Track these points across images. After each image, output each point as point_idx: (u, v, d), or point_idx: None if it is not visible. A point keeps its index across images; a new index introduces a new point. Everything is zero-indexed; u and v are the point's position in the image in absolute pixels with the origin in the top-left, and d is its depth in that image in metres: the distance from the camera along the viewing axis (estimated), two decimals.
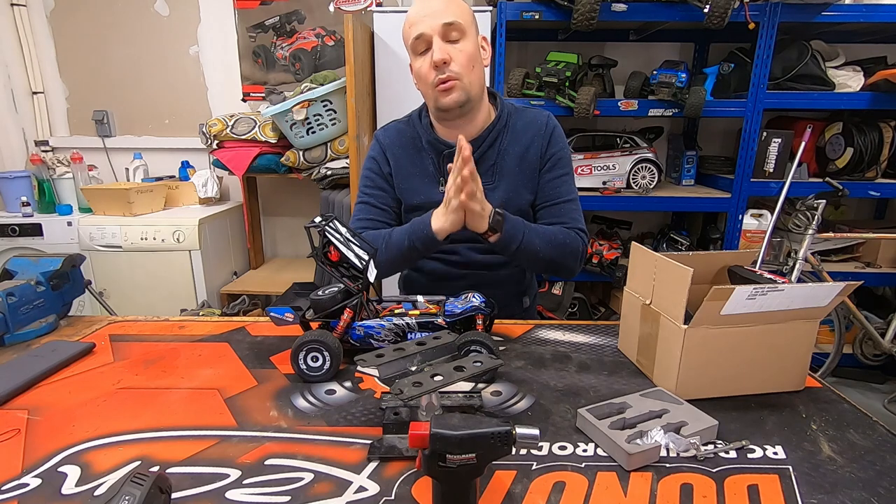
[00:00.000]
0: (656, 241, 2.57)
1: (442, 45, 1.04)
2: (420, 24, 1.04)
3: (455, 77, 1.04)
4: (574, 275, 1.14)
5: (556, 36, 2.43)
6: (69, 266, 1.09)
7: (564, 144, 1.18)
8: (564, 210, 1.14)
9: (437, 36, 1.04)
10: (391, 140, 1.19)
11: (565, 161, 1.17)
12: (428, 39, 1.05)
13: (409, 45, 1.09)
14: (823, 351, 2.24)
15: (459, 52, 1.05)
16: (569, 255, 1.10)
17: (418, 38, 1.05)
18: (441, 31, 1.03)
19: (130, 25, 2.61)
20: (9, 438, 0.69)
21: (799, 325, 0.78)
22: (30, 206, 2.37)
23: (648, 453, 0.63)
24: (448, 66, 1.04)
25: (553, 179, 1.15)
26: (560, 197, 1.15)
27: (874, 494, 0.58)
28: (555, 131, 1.16)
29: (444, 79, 1.04)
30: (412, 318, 0.91)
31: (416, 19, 1.05)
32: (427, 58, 1.06)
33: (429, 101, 1.12)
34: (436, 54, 1.03)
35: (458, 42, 1.05)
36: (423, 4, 1.06)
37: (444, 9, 1.04)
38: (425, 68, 1.06)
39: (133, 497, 0.47)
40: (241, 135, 2.32)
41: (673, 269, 0.77)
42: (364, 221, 1.18)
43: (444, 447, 0.49)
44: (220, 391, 0.81)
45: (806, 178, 2.29)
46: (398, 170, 1.18)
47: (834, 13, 2.02)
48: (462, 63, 1.05)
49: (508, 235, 1.02)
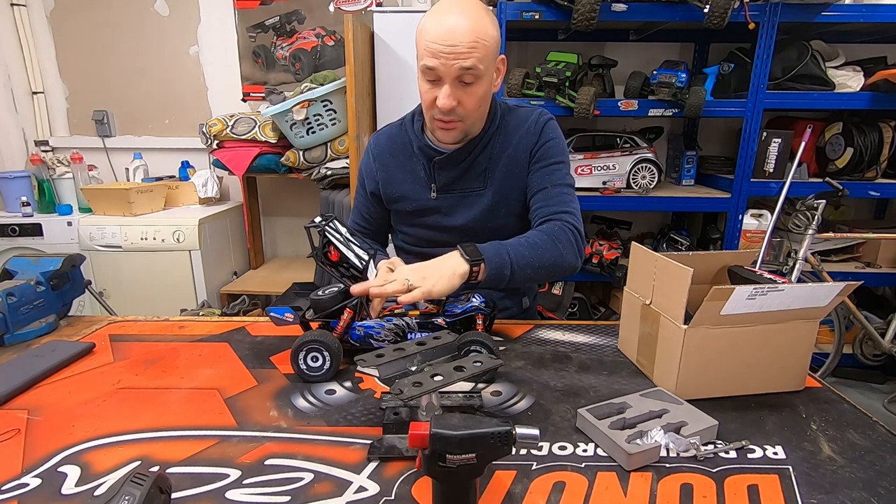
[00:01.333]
0: (656, 241, 2.57)
1: (452, 91, 0.96)
2: (437, 59, 0.93)
3: (458, 119, 1.00)
4: (577, 270, 1.05)
5: (556, 36, 2.43)
6: (69, 266, 1.09)
7: (556, 136, 1.11)
8: (552, 194, 1.06)
9: (449, 78, 0.95)
10: (382, 148, 1.18)
11: (556, 150, 1.10)
12: (440, 78, 0.96)
13: (418, 60, 0.99)
14: (823, 351, 2.24)
15: (469, 97, 0.98)
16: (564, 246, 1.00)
17: (430, 69, 0.95)
18: (457, 74, 0.94)
19: (130, 25, 2.61)
20: (9, 438, 0.69)
21: (799, 325, 0.78)
22: (30, 206, 2.37)
23: (648, 453, 0.63)
24: (454, 111, 0.98)
25: (542, 168, 1.08)
26: (550, 182, 1.07)
27: (874, 494, 0.58)
28: (546, 125, 1.11)
29: (447, 120, 1.01)
30: (412, 318, 0.91)
31: (434, 50, 0.93)
32: (433, 89, 0.98)
33: (426, 121, 1.08)
34: (442, 101, 0.96)
35: (471, 85, 0.97)
36: (447, 33, 0.92)
37: (468, 50, 0.92)
38: (429, 98, 1.00)
39: (133, 497, 0.47)
40: (241, 135, 2.33)
41: (673, 269, 0.77)
42: (355, 225, 1.23)
43: (444, 447, 0.49)
44: (219, 391, 0.81)
45: (806, 178, 2.29)
46: (388, 178, 1.16)
47: (834, 13, 2.02)
48: (469, 107, 0.99)
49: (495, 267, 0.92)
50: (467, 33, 0.92)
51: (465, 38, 0.92)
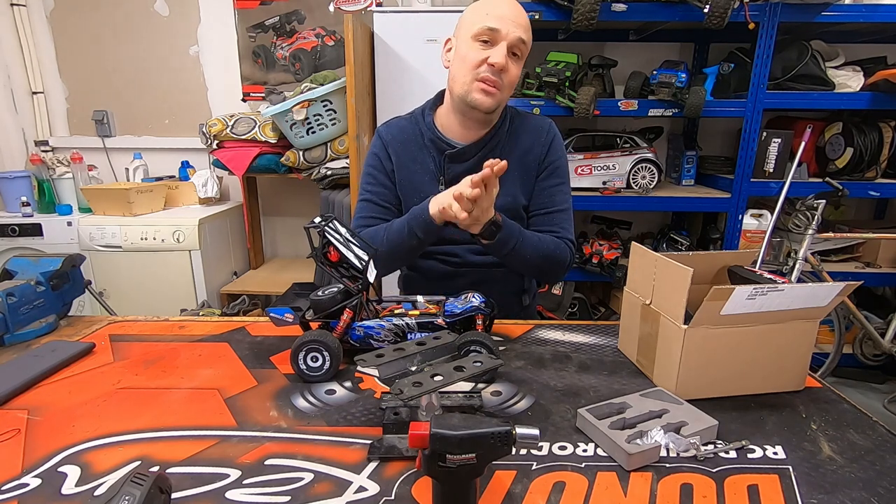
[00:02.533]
0: (656, 241, 2.57)
1: (506, 52, 1.03)
2: (501, 22, 1.02)
3: (499, 86, 1.05)
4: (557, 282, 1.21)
5: (556, 36, 2.43)
6: (69, 266, 1.09)
7: (563, 154, 1.20)
8: (556, 220, 1.16)
9: (507, 42, 1.03)
10: (393, 136, 1.19)
11: (562, 171, 1.18)
12: (498, 39, 1.03)
13: (472, 29, 1.05)
14: (823, 351, 2.24)
15: (514, 68, 1.06)
16: (556, 265, 1.13)
17: (493, 30, 1.03)
18: (514, 41, 1.03)
19: (130, 25, 2.61)
20: (9, 438, 0.69)
21: (799, 325, 0.78)
22: (30, 206, 2.37)
23: (648, 453, 0.63)
24: (502, 74, 1.04)
25: (549, 188, 1.17)
26: (554, 206, 1.17)
27: (874, 494, 0.58)
28: (555, 139, 1.18)
29: (493, 81, 1.04)
30: (412, 318, 0.91)
31: (499, 13, 1.03)
32: (484, 50, 1.04)
33: (459, 87, 1.08)
34: (498, 58, 1.02)
35: (517, 60, 1.06)
36: (509, 5, 1.05)
37: (526, 26, 1.06)
38: (479, 58, 1.04)
39: (133, 497, 0.47)
40: (241, 135, 2.33)
41: (673, 269, 0.77)
42: (367, 220, 1.16)
43: (444, 447, 0.49)
44: (220, 391, 0.81)
45: (806, 178, 2.29)
46: (399, 166, 1.18)
47: (834, 13, 2.02)
48: (512, 77, 1.06)
49: (500, 242, 1.04)
50: (523, 14, 1.07)
51: (522, 16, 1.06)
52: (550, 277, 1.19)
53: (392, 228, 1.09)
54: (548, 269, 1.13)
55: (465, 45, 1.06)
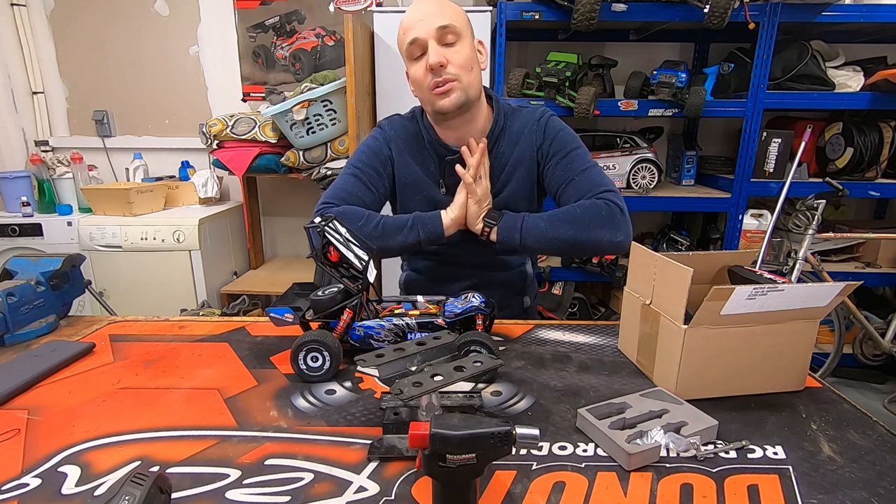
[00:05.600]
0: (656, 241, 2.57)
1: (438, 48, 1.02)
2: (414, 29, 1.03)
3: (452, 79, 1.03)
4: (619, 245, 1.02)
5: (556, 36, 2.43)
6: (69, 266, 1.09)
7: (562, 127, 1.14)
8: (580, 184, 1.07)
9: (432, 40, 1.02)
10: (396, 132, 1.18)
11: (568, 139, 1.12)
12: (423, 44, 1.03)
13: (404, 52, 1.07)
14: (823, 351, 2.24)
15: (455, 54, 1.03)
16: (597, 222, 1.01)
17: (413, 42, 1.03)
18: (436, 34, 1.02)
19: (130, 25, 2.61)
20: (9, 438, 0.69)
21: (799, 325, 0.78)
22: (30, 206, 2.37)
23: (648, 453, 0.63)
24: (444, 68, 1.02)
25: (561, 160, 1.10)
26: (574, 173, 1.08)
27: (874, 494, 0.58)
28: (548, 123, 1.14)
29: (441, 81, 1.03)
30: (412, 318, 0.91)
31: (410, 24, 1.04)
32: (423, 62, 1.04)
33: (427, 106, 1.11)
34: (431, 57, 1.01)
35: (454, 45, 1.04)
36: (417, 9, 1.05)
37: (439, 12, 1.03)
38: (421, 73, 1.04)
39: (133, 497, 0.47)
40: (241, 135, 2.32)
41: (673, 269, 0.77)
42: (349, 195, 1.10)
43: (444, 447, 0.49)
44: (220, 391, 0.81)
45: (806, 178, 2.29)
46: (401, 163, 1.17)
47: (834, 13, 2.02)
48: (459, 64, 1.03)
49: (506, 227, 1.05)
50: (434, 3, 1.05)
51: (432, 6, 1.04)
52: (604, 238, 1.01)
53: (388, 226, 1.07)
54: (591, 231, 1.01)
55: (409, 68, 1.09)
